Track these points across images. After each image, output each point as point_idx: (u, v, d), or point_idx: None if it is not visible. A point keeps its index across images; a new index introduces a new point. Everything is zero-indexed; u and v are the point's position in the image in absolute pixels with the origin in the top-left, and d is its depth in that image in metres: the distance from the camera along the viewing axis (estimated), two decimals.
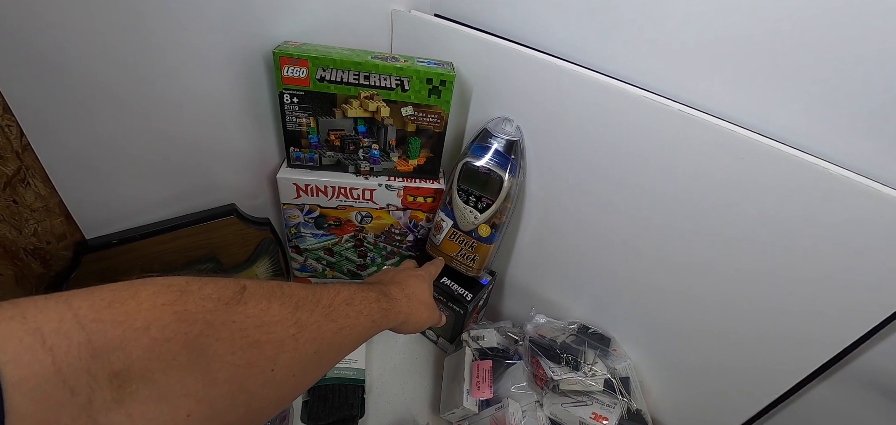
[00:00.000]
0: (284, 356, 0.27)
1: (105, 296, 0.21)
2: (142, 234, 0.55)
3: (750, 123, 0.41)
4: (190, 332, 0.22)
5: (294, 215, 0.65)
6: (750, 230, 0.43)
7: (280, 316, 0.27)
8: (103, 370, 0.19)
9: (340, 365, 0.62)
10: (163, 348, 0.21)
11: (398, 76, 0.53)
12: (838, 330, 0.41)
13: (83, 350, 0.18)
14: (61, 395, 0.18)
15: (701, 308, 0.50)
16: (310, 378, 0.31)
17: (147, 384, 0.20)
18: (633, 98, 0.45)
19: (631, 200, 0.51)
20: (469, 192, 0.58)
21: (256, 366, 0.25)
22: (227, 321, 0.24)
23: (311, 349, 0.29)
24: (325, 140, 0.59)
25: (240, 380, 0.25)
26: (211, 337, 0.23)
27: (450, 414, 0.59)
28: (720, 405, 0.53)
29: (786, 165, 0.39)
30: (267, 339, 0.26)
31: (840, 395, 0.45)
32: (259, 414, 0.27)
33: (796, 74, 0.38)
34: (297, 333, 0.28)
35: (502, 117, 0.57)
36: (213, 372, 0.23)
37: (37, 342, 0.17)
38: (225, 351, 0.24)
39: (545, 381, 0.54)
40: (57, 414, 0.18)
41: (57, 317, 0.19)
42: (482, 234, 0.60)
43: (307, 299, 0.30)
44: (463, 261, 0.62)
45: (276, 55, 0.51)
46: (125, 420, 0.20)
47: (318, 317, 0.30)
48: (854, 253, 0.38)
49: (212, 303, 0.24)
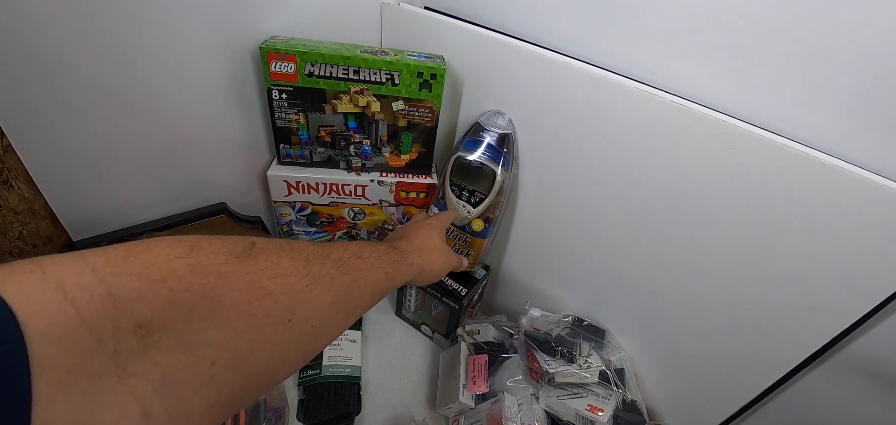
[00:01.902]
0: (300, 306, 0.27)
1: (119, 251, 0.20)
2: (130, 235, 0.54)
3: (741, 113, 0.41)
4: (205, 284, 0.22)
5: (286, 213, 0.64)
6: (742, 220, 0.43)
7: (291, 268, 0.28)
8: (127, 321, 0.19)
9: (336, 363, 0.62)
10: (181, 299, 0.21)
11: (388, 70, 0.52)
12: (831, 318, 0.41)
13: (105, 301, 0.18)
14: (89, 344, 0.18)
15: (694, 298, 0.50)
16: (328, 331, 0.31)
17: (170, 334, 0.20)
18: (624, 89, 0.45)
19: (624, 192, 0.50)
20: (462, 187, 0.58)
21: (274, 315, 0.25)
22: (240, 273, 0.24)
23: (327, 300, 0.30)
24: (316, 136, 0.58)
25: (260, 329, 0.25)
26: (226, 288, 0.23)
27: (446, 409, 0.59)
28: (714, 394, 0.53)
29: (777, 155, 0.38)
30: (281, 290, 0.26)
31: (832, 382, 0.45)
32: (282, 364, 0.27)
33: (787, 63, 0.38)
34: (311, 285, 0.28)
35: (494, 110, 0.57)
36: (232, 322, 0.23)
37: (59, 294, 0.17)
38: (242, 301, 0.24)
39: (540, 374, 0.54)
40: (88, 362, 0.17)
41: (76, 270, 0.18)
42: (476, 229, 0.59)
43: (317, 253, 0.31)
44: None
45: (263, 50, 0.50)
46: (153, 368, 0.20)
47: (330, 269, 0.31)
48: (845, 241, 0.38)
49: (223, 256, 0.24)
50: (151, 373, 0.19)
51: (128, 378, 0.19)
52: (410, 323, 0.74)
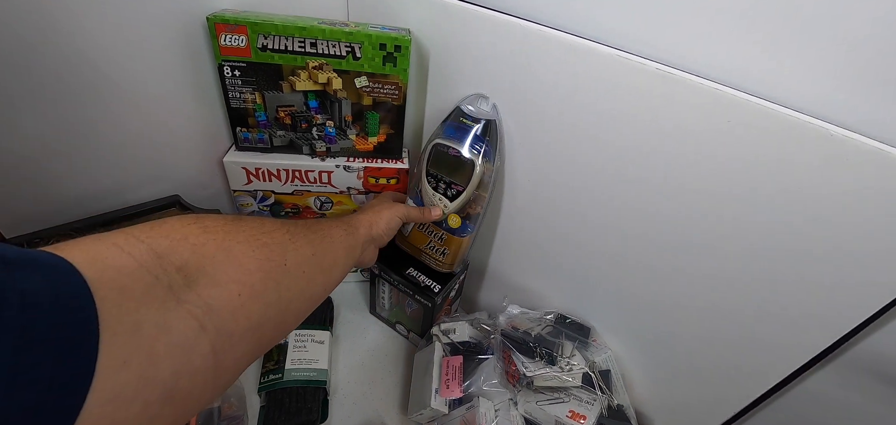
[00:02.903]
0: (289, 254, 0.33)
1: (144, 225, 0.25)
2: (69, 232, 0.50)
3: (735, 82, 0.36)
4: (216, 238, 0.28)
5: (247, 203, 0.59)
6: (740, 204, 0.38)
7: (273, 227, 0.33)
8: (170, 264, 0.24)
9: (300, 366, 0.57)
10: (203, 250, 0.27)
11: (348, 42, 0.48)
12: (839, 314, 0.36)
13: (150, 253, 0.23)
14: (149, 278, 0.23)
15: (689, 293, 0.45)
16: (318, 279, 0.36)
17: (203, 274, 0.26)
18: (605, 59, 0.40)
19: (610, 177, 0.45)
20: (438, 178, 0.52)
21: (273, 260, 0.31)
22: (238, 229, 0.30)
23: (309, 251, 0.35)
24: (275, 118, 0.53)
25: (266, 270, 0.30)
26: (233, 240, 0.29)
27: (418, 416, 0.54)
28: (710, 397, 0.48)
29: (779, 127, 0.33)
30: (272, 241, 0.32)
31: (838, 383, 0.40)
32: (290, 302, 0.32)
33: (787, 25, 0.33)
34: (291, 238, 0.34)
35: (476, 94, 0.51)
36: (245, 264, 0.29)
37: (117, 250, 0.22)
38: (246, 250, 0.29)
39: (518, 378, 0.49)
40: (153, 290, 0.22)
41: (122, 236, 0.23)
42: (452, 225, 0.54)
43: (287, 220, 0.37)
44: (433, 254, 0.57)
45: (211, 21, 0.46)
46: (197, 298, 0.25)
47: (303, 228, 0.36)
48: (857, 225, 0.33)
49: (221, 220, 0.30)
50: (198, 301, 0.25)
51: (183, 303, 0.24)
52: (385, 322, 0.69)
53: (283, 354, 0.58)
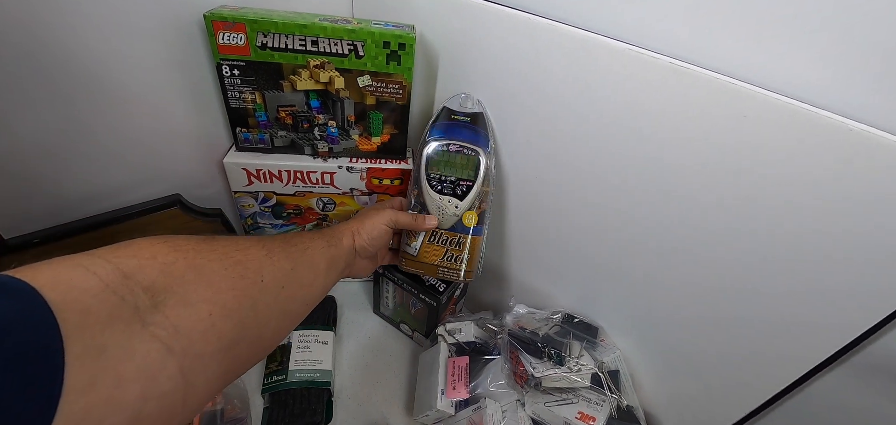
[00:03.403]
0: (266, 270, 0.32)
1: (112, 246, 0.25)
2: (69, 231, 0.49)
3: (752, 77, 0.35)
4: (186, 257, 0.27)
5: (248, 204, 0.59)
6: (754, 201, 0.37)
7: (249, 244, 0.33)
8: (137, 285, 0.24)
9: (303, 367, 0.57)
10: (172, 269, 0.26)
11: (350, 40, 0.46)
12: (856, 314, 0.35)
13: (117, 273, 0.23)
14: (115, 299, 0.22)
15: (699, 291, 0.44)
16: (298, 295, 0.36)
17: (171, 294, 0.25)
18: (617, 54, 0.39)
19: (618, 173, 0.44)
20: (442, 179, 0.50)
21: (248, 278, 0.30)
22: (209, 248, 0.29)
23: (288, 265, 0.35)
24: (275, 118, 0.52)
25: (240, 288, 0.30)
26: (204, 258, 0.28)
27: (423, 417, 0.53)
28: (720, 397, 0.48)
29: (795, 123, 0.33)
30: (247, 258, 0.31)
31: (854, 385, 0.40)
32: (268, 319, 0.32)
33: (804, 15, 0.32)
34: (268, 253, 0.34)
35: (462, 94, 0.52)
36: (216, 282, 0.28)
37: (83, 271, 0.22)
38: (219, 268, 0.29)
39: (525, 378, 0.48)
40: (118, 312, 0.22)
41: (86, 258, 0.23)
42: (468, 224, 0.50)
43: (264, 236, 0.37)
44: (451, 265, 0.52)
45: (208, 19, 0.44)
46: (165, 319, 0.24)
47: (280, 242, 0.36)
48: (876, 223, 0.32)
49: (193, 239, 0.30)
50: (165, 323, 0.24)
51: (148, 325, 0.23)
52: (389, 322, 0.68)
53: (287, 355, 0.57)
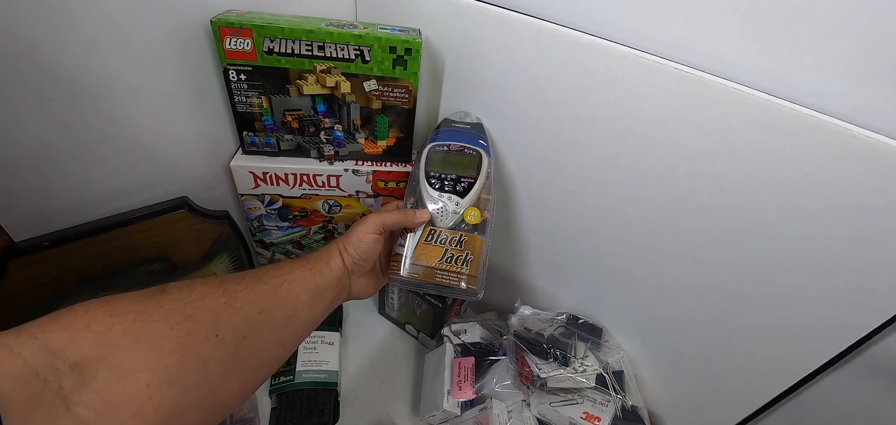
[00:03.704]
0: (224, 320, 0.29)
1: (43, 318, 0.24)
2: (78, 234, 0.50)
3: (757, 82, 0.35)
4: (125, 321, 0.26)
5: (255, 207, 0.59)
6: (758, 204, 0.37)
7: (206, 291, 0.30)
8: (63, 363, 0.23)
9: (311, 368, 0.57)
10: (107, 337, 0.25)
11: (357, 45, 0.47)
12: (859, 315, 0.36)
13: (43, 351, 0.22)
14: (38, 383, 0.22)
15: (702, 292, 0.45)
16: (269, 339, 0.33)
17: (104, 366, 0.24)
18: (622, 58, 0.39)
19: (623, 177, 0.45)
20: (443, 177, 0.47)
21: (198, 334, 0.28)
22: (155, 306, 0.27)
23: (254, 310, 0.32)
24: (282, 122, 0.53)
25: (187, 348, 0.27)
26: (146, 319, 0.26)
27: (430, 417, 0.54)
28: (724, 397, 0.48)
29: (799, 128, 0.33)
30: (200, 311, 0.29)
31: (857, 386, 0.40)
32: (224, 378, 0.29)
33: (807, 22, 0.32)
34: (229, 300, 0.31)
35: (461, 111, 0.53)
36: (159, 345, 0.26)
37: (6, 352, 0.21)
38: (163, 328, 0.27)
39: (531, 379, 0.49)
40: (40, 396, 0.21)
41: (13, 336, 0.22)
42: (472, 221, 0.46)
43: (231, 276, 0.33)
44: (451, 267, 0.44)
45: (215, 25, 0.45)
46: (94, 397, 0.23)
47: (248, 283, 0.33)
48: (879, 227, 0.32)
49: (137, 298, 0.28)
50: (94, 401, 0.23)
51: (73, 407, 0.22)
52: (394, 322, 0.69)
53: (294, 356, 0.58)
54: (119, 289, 0.51)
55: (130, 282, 0.53)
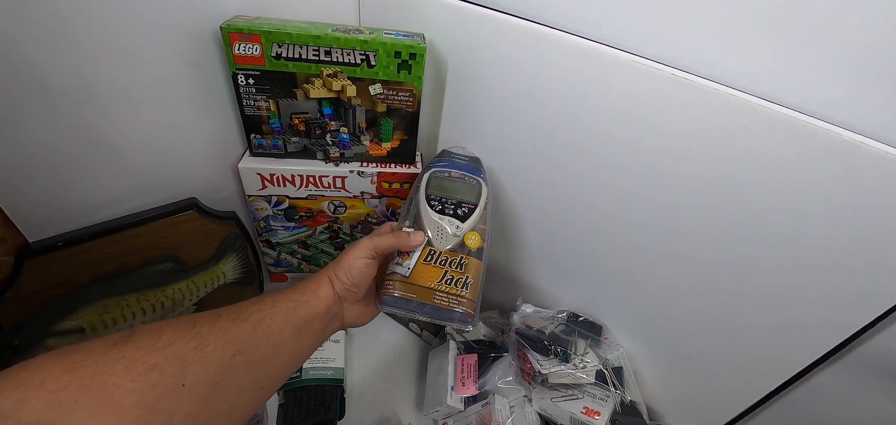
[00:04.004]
0: (192, 368, 0.28)
1: (2, 374, 0.23)
2: (90, 235, 0.51)
3: (752, 88, 0.36)
4: (83, 375, 0.24)
5: (262, 207, 0.60)
6: (752, 206, 0.39)
7: (175, 337, 0.28)
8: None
9: (317, 365, 0.59)
10: (62, 396, 0.23)
11: (363, 50, 0.48)
12: (850, 313, 0.37)
13: None
14: None
15: (699, 290, 0.46)
16: (244, 383, 0.31)
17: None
18: (620, 63, 0.40)
19: (620, 178, 0.46)
20: (444, 200, 0.47)
21: (163, 385, 0.26)
22: (117, 357, 0.25)
23: (227, 352, 0.30)
24: (289, 125, 0.54)
25: (150, 403, 0.25)
26: (105, 373, 0.24)
27: (434, 413, 0.55)
28: (720, 392, 0.50)
29: (793, 132, 0.34)
30: (166, 359, 0.27)
31: (848, 380, 0.41)
32: None
33: (802, 27, 0.33)
34: (200, 344, 0.29)
35: (459, 145, 0.56)
36: (118, 400, 0.24)
37: None
38: (124, 381, 0.25)
39: (533, 375, 0.50)
40: None
41: None
42: (472, 245, 0.45)
43: (206, 315, 0.31)
44: (450, 289, 0.42)
45: (224, 31, 0.46)
46: None
47: (224, 321, 0.31)
48: (868, 227, 0.34)
49: (99, 347, 0.26)
50: None
51: None
52: (398, 320, 0.70)
53: None
54: (131, 287, 0.54)
55: (141, 280, 0.54)
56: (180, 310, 0.58)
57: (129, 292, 0.54)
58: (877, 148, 0.32)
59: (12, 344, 0.48)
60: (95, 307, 0.51)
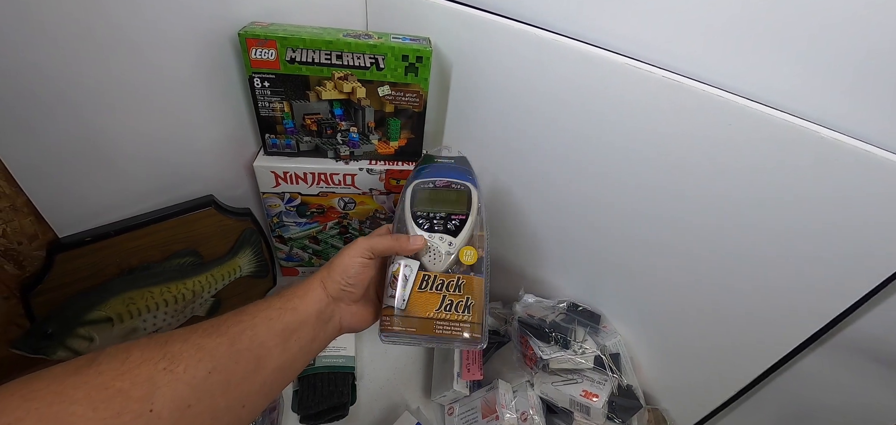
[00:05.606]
0: (162, 391, 0.26)
1: None
2: (116, 231, 0.54)
3: (736, 88, 0.39)
4: (40, 405, 0.22)
5: (275, 204, 0.63)
6: (739, 199, 0.41)
7: (143, 357, 0.26)
8: None
9: (330, 354, 0.62)
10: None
11: (372, 54, 0.51)
12: (829, 299, 0.40)
13: None
14: None
15: (691, 281, 0.49)
16: (221, 403, 0.29)
17: None
18: (616, 66, 0.43)
19: (617, 175, 0.49)
20: (431, 216, 0.42)
21: (128, 412, 0.24)
22: (79, 383, 0.24)
23: (201, 371, 0.28)
24: (301, 125, 0.57)
25: None
26: (66, 401, 0.23)
27: (441, 397, 0.58)
28: (713, 376, 0.53)
29: (774, 130, 0.37)
30: (133, 383, 0.25)
31: (832, 363, 0.44)
32: None
33: (783, 33, 0.36)
34: (170, 365, 0.27)
35: (442, 146, 0.53)
36: None
37: None
38: (86, 410, 0.23)
39: (535, 361, 0.53)
40: None
41: None
42: (468, 262, 0.40)
43: (180, 332, 0.29)
44: (453, 316, 0.38)
45: (242, 36, 0.49)
46: None
47: (198, 337, 0.29)
48: (846, 219, 0.36)
49: (59, 375, 0.24)
50: None
51: None
52: None
53: None
54: (154, 279, 0.57)
55: (164, 273, 0.58)
56: (200, 301, 0.62)
57: (152, 284, 0.57)
58: (851, 144, 0.34)
59: (47, 332, 0.51)
60: (122, 298, 0.55)
